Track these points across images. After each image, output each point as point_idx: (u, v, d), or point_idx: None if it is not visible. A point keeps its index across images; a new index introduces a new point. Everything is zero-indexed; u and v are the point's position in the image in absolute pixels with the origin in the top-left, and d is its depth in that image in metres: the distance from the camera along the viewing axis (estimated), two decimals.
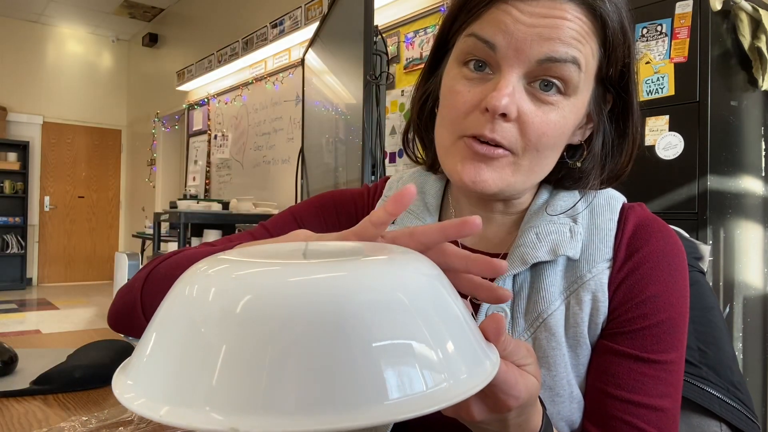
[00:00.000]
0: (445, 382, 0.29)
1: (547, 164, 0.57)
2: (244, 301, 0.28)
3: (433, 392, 0.28)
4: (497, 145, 0.54)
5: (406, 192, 0.37)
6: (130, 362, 0.32)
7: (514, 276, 0.59)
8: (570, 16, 0.51)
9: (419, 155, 0.71)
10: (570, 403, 0.57)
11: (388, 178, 0.75)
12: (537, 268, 0.58)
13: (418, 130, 0.69)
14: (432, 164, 0.69)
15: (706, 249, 0.78)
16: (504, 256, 0.62)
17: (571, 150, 0.61)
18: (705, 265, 0.77)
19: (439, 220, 0.68)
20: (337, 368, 0.26)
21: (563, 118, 0.54)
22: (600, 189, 0.63)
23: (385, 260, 0.32)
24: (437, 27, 0.63)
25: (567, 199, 0.61)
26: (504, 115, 0.52)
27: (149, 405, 0.27)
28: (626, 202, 0.63)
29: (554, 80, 0.53)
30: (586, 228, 0.59)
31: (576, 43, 0.52)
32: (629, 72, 0.57)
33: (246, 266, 0.30)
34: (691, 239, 0.81)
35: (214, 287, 0.29)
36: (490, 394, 0.38)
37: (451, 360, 0.30)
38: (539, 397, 0.46)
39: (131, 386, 0.29)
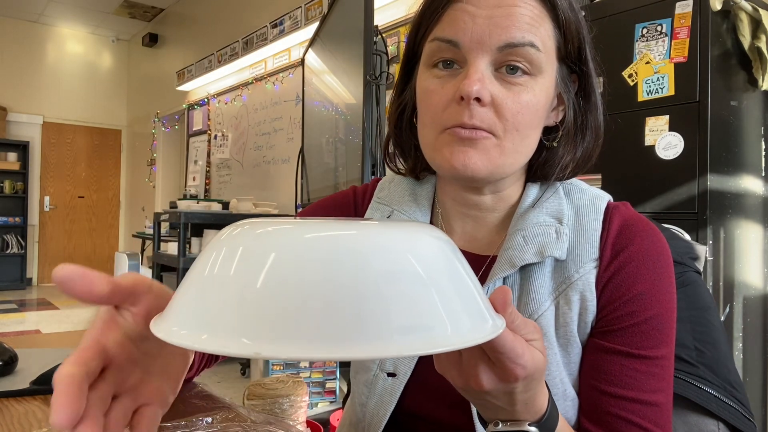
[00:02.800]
0: (449, 329, 0.31)
1: (529, 144, 0.59)
2: (270, 253, 0.31)
3: (436, 336, 0.30)
4: (479, 130, 0.56)
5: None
6: (166, 312, 0.35)
7: (504, 279, 0.60)
8: (521, 3, 0.55)
9: (401, 167, 0.73)
10: (564, 401, 0.58)
11: (379, 179, 0.76)
12: (526, 270, 0.60)
13: (398, 142, 0.71)
14: (413, 168, 0.71)
15: (702, 249, 0.78)
16: (493, 259, 0.63)
17: (546, 133, 0.63)
18: (701, 265, 0.77)
19: (431, 219, 0.69)
20: (347, 306, 0.29)
21: (534, 96, 0.57)
22: (575, 174, 0.64)
23: (392, 223, 0.35)
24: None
25: (553, 200, 0.63)
26: (479, 100, 0.55)
27: (190, 336, 0.31)
28: (611, 201, 0.64)
29: (518, 63, 0.55)
30: (572, 229, 0.60)
31: (530, 27, 0.55)
32: (586, 47, 0.61)
33: (266, 225, 0.34)
34: (688, 239, 0.81)
35: (242, 246, 0.32)
36: (498, 363, 0.39)
37: (455, 310, 0.32)
38: (546, 385, 0.46)
39: (171, 323, 0.33)
